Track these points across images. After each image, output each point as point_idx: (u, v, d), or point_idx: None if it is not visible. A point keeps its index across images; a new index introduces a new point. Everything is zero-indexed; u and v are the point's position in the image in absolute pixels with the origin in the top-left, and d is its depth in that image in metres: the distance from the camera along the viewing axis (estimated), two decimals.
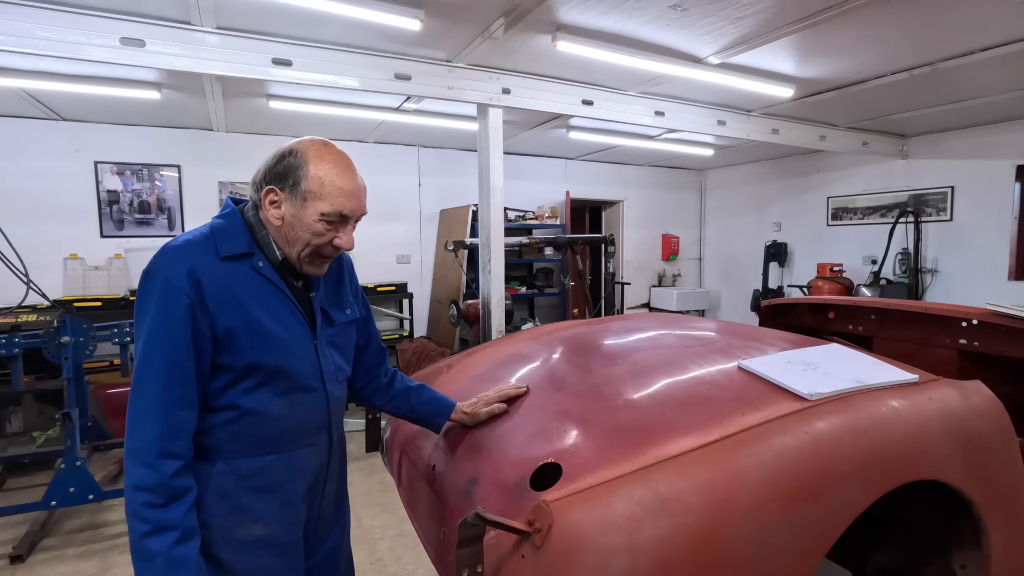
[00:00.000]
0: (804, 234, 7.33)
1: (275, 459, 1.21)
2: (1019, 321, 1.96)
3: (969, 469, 1.32)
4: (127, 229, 5.33)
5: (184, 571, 1.05)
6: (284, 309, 1.21)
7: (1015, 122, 5.42)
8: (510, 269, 6.65)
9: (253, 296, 1.17)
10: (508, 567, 1.04)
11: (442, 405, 1.53)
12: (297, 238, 1.18)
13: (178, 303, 1.08)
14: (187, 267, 1.10)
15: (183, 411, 1.09)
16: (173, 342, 1.07)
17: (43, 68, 3.73)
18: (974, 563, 1.39)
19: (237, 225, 1.21)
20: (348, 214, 1.19)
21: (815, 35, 3.38)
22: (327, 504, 1.36)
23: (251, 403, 1.16)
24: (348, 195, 1.17)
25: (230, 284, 1.14)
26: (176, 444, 1.08)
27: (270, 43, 3.24)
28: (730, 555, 1.04)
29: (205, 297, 1.10)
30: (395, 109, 4.88)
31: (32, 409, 4.39)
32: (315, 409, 1.26)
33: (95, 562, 2.87)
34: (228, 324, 1.12)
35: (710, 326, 2.06)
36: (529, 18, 3.10)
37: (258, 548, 1.20)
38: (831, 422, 1.21)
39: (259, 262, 1.19)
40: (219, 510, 1.16)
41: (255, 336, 1.15)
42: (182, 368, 1.08)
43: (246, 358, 1.14)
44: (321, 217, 1.16)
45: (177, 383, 1.08)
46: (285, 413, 1.20)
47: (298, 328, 1.23)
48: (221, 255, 1.15)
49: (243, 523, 1.18)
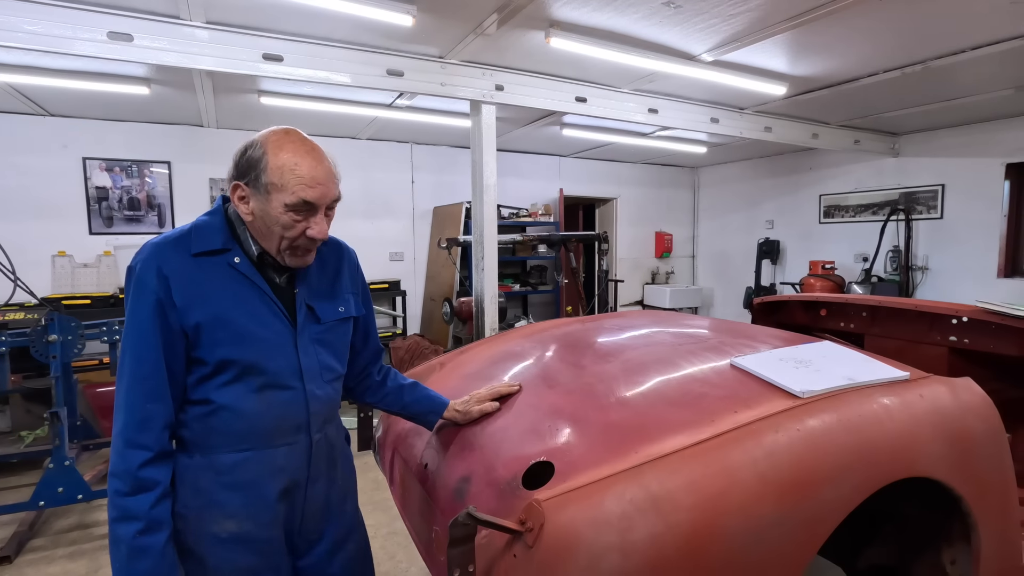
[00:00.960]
0: (796, 232, 7.37)
1: (250, 456, 1.19)
2: (1008, 318, 1.98)
3: (959, 465, 1.33)
4: (116, 226, 5.27)
5: (145, 561, 1.07)
6: (261, 305, 1.19)
7: (1005, 120, 5.46)
8: (503, 266, 6.65)
9: (227, 292, 1.15)
10: (500, 567, 1.03)
11: (435, 403, 1.51)
12: (270, 232, 1.16)
13: (146, 299, 1.10)
14: (156, 264, 1.11)
15: (150, 403, 1.10)
16: (141, 336, 1.10)
17: (29, 62, 3.68)
18: (964, 558, 1.40)
19: (217, 222, 1.20)
20: (313, 202, 1.14)
21: (807, 33, 3.39)
22: (313, 506, 1.31)
23: (224, 398, 1.15)
24: (310, 182, 1.13)
25: (200, 280, 1.14)
26: (142, 436, 1.09)
27: (261, 38, 3.21)
28: (722, 552, 1.04)
29: (172, 293, 1.11)
30: (388, 106, 4.85)
31: (20, 408, 4.34)
32: (292, 408, 1.23)
33: (84, 562, 2.84)
34: (196, 320, 1.12)
35: (703, 324, 2.06)
36: (522, 14, 3.08)
37: (232, 544, 1.19)
38: (823, 419, 1.21)
39: (235, 258, 1.18)
40: (194, 503, 1.16)
41: (224, 331, 1.14)
42: (149, 362, 1.10)
43: (216, 354, 1.13)
44: (286, 209, 1.13)
45: (144, 377, 1.10)
46: (259, 411, 1.18)
47: (276, 324, 1.20)
48: (193, 251, 1.15)
49: (216, 518, 1.17)
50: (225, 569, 1.19)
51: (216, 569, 1.18)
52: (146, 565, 1.07)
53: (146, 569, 1.08)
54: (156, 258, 1.12)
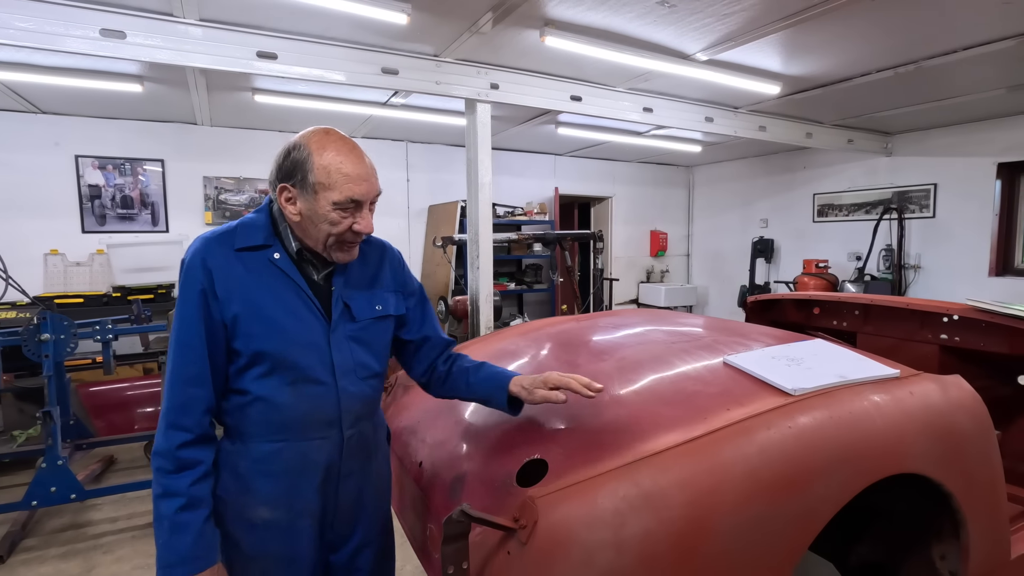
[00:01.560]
0: (790, 230, 7.40)
1: (284, 446, 1.22)
2: (998, 317, 2.00)
3: (948, 462, 1.34)
4: (109, 224, 5.24)
5: (184, 537, 1.12)
6: (297, 300, 1.22)
7: (996, 120, 5.50)
8: (499, 265, 6.65)
9: (265, 286, 1.20)
10: (494, 564, 1.04)
11: (498, 379, 1.37)
12: (318, 230, 1.20)
13: (192, 289, 1.16)
14: (202, 257, 1.18)
15: (191, 388, 1.16)
16: (185, 324, 1.16)
17: (21, 59, 3.65)
18: (953, 554, 1.42)
19: (262, 219, 1.25)
20: (359, 199, 1.18)
21: (801, 33, 3.41)
22: (346, 501, 1.32)
23: (261, 390, 1.19)
24: (356, 180, 1.17)
25: (241, 274, 1.19)
26: (183, 418, 1.15)
27: (255, 36, 3.20)
28: (714, 548, 1.05)
29: (215, 284, 1.16)
30: (383, 104, 4.84)
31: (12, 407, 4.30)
32: (324, 403, 1.24)
33: (78, 562, 2.83)
34: (235, 311, 1.17)
35: (697, 322, 2.07)
36: (517, 13, 3.08)
37: (265, 531, 1.23)
38: (814, 417, 1.22)
39: (275, 254, 1.22)
40: (233, 487, 1.21)
41: (259, 324, 1.18)
42: (192, 348, 1.15)
43: (251, 346, 1.18)
44: (334, 207, 1.17)
45: (187, 363, 1.15)
46: (292, 403, 1.21)
47: (310, 320, 1.23)
48: (236, 247, 1.20)
49: (252, 504, 1.22)
50: (257, 554, 1.23)
51: (250, 553, 1.23)
52: (186, 540, 1.12)
53: (186, 544, 1.12)
54: (202, 251, 1.18)
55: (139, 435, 4.08)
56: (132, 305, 4.14)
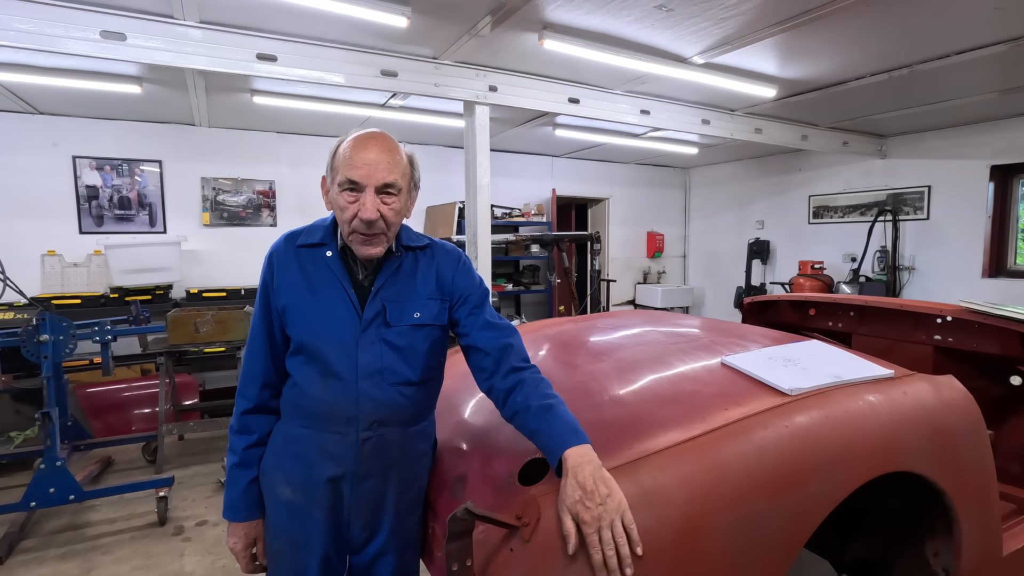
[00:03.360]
0: (786, 232, 7.44)
1: (308, 434, 1.31)
2: (991, 318, 2.03)
3: (942, 460, 1.37)
4: (107, 225, 5.23)
5: (233, 490, 1.34)
6: (336, 297, 1.29)
7: (989, 123, 5.55)
8: (496, 266, 6.66)
9: (311, 281, 1.30)
10: (497, 561, 1.06)
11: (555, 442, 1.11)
12: (341, 220, 1.26)
13: (262, 279, 1.34)
14: (272, 250, 1.34)
15: (254, 364, 1.34)
16: (256, 309, 1.35)
17: (20, 61, 3.65)
18: (946, 551, 1.44)
19: (328, 220, 1.35)
20: (357, 180, 1.20)
21: (797, 37, 3.44)
22: (361, 502, 1.30)
23: (299, 376, 1.31)
24: (356, 163, 1.20)
25: (297, 269, 1.31)
26: (247, 389, 1.35)
27: (254, 38, 3.21)
28: (712, 546, 1.07)
29: (275, 277, 1.31)
30: (381, 106, 4.85)
31: (9, 408, 4.29)
32: (342, 399, 1.27)
33: (76, 563, 2.83)
34: (283, 302, 1.30)
35: (694, 323, 2.10)
36: (516, 16, 3.10)
37: (287, 511, 1.31)
38: (810, 416, 1.24)
39: (327, 251, 1.32)
40: (269, 463, 1.35)
41: (299, 315, 1.29)
42: (255, 331, 1.35)
43: (295, 334, 1.30)
44: (339, 188, 1.22)
45: (255, 339, 1.35)
46: (318, 394, 1.29)
47: (344, 317, 1.28)
48: (297, 244, 1.33)
49: (280, 481, 1.32)
50: (278, 531, 1.34)
51: (273, 528, 1.35)
52: (234, 494, 1.34)
53: (233, 497, 1.34)
54: (274, 246, 1.35)
55: (137, 436, 4.08)
56: (130, 306, 4.14)
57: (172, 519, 3.26)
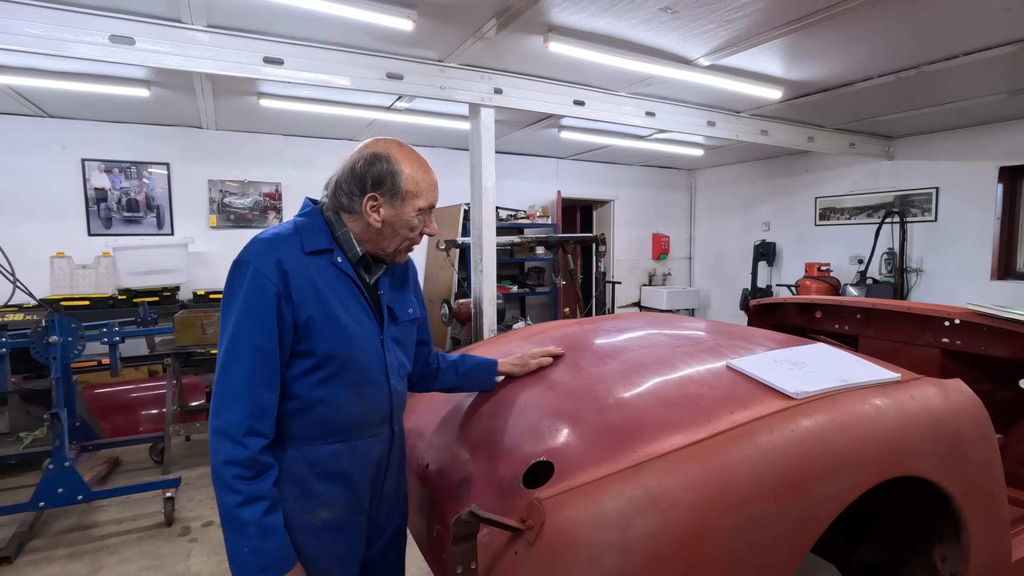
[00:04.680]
0: (792, 234, 7.41)
1: (341, 447, 1.28)
2: (999, 321, 2.01)
3: (949, 465, 1.36)
4: (115, 227, 5.28)
5: (274, 539, 1.15)
6: (356, 304, 1.29)
7: (998, 124, 5.51)
8: (501, 268, 6.67)
9: (331, 289, 1.26)
10: (502, 564, 1.06)
11: (487, 365, 1.62)
12: (396, 234, 1.30)
13: (267, 291, 1.17)
14: (276, 258, 1.19)
15: (268, 393, 1.17)
16: (261, 328, 1.16)
17: (30, 65, 3.69)
18: (954, 556, 1.43)
19: (318, 223, 1.30)
20: (435, 204, 1.34)
21: (803, 38, 3.43)
22: (388, 493, 1.41)
23: (322, 393, 1.23)
24: (435, 188, 1.33)
25: (312, 277, 1.23)
26: (262, 424, 1.17)
27: (261, 42, 3.23)
28: (718, 550, 1.06)
29: (290, 287, 1.19)
30: (387, 108, 4.87)
31: (19, 409, 4.33)
32: (379, 401, 1.33)
33: (84, 563, 2.85)
34: (309, 314, 1.21)
35: (699, 325, 2.09)
36: (521, 19, 3.11)
37: (325, 532, 1.27)
38: (816, 420, 1.24)
39: (338, 258, 1.29)
40: (290, 494, 1.22)
41: (331, 326, 1.23)
42: (268, 353, 1.17)
43: (323, 347, 1.22)
44: (418, 212, 1.30)
45: (263, 366, 1.17)
46: (352, 404, 1.27)
47: (367, 323, 1.30)
48: (306, 250, 1.24)
49: (312, 507, 1.25)
50: (317, 555, 1.26)
51: (309, 556, 1.25)
52: (277, 542, 1.15)
53: (277, 546, 1.15)
54: (275, 252, 1.20)
55: (144, 437, 4.10)
56: (138, 308, 4.17)
57: (179, 519, 3.28)
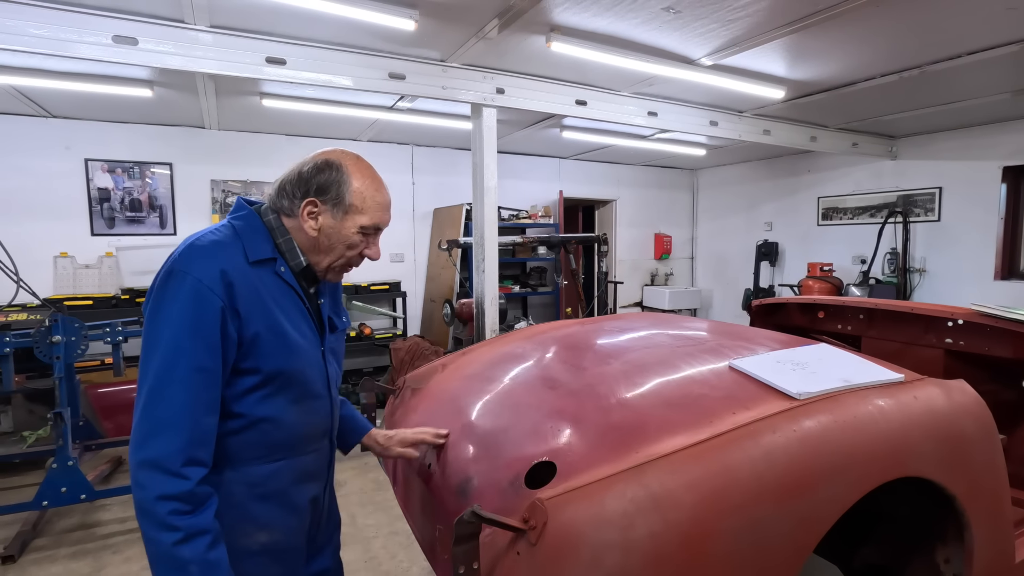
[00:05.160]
0: (795, 234, 7.39)
1: (283, 465, 1.20)
2: (1002, 321, 2.01)
3: (953, 466, 1.35)
4: (118, 227, 5.29)
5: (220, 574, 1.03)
6: (300, 316, 1.21)
7: (1001, 124, 5.50)
8: (503, 268, 6.67)
9: (275, 302, 1.16)
10: (504, 564, 1.06)
11: (358, 423, 1.52)
12: (332, 248, 1.21)
13: (211, 305, 1.05)
14: (220, 268, 1.07)
15: (209, 417, 1.07)
16: (203, 346, 1.04)
17: (34, 65, 3.70)
18: (957, 557, 1.43)
19: (258, 227, 1.19)
20: (382, 226, 1.24)
21: (806, 38, 3.42)
22: (325, 509, 1.36)
23: (265, 410, 1.15)
24: (385, 209, 1.23)
25: (258, 288, 1.13)
26: (202, 451, 1.05)
27: (264, 42, 3.23)
28: (720, 551, 1.06)
29: (236, 301, 1.08)
30: (389, 108, 4.87)
31: (22, 408, 4.35)
32: (322, 415, 1.28)
33: (87, 562, 2.86)
34: (256, 329, 1.11)
35: (701, 326, 2.09)
36: (523, 19, 3.11)
37: (262, 556, 1.19)
38: (819, 421, 1.23)
39: (281, 267, 1.19)
40: (227, 519, 1.11)
41: (278, 341, 1.14)
42: (210, 373, 1.05)
43: (270, 364, 1.13)
44: (360, 230, 1.20)
45: (204, 387, 1.05)
46: (296, 420, 1.20)
47: (310, 335, 1.23)
48: (251, 259, 1.13)
49: (249, 531, 1.17)
50: None
51: None
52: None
53: None
54: (218, 262, 1.08)
55: None
56: (141, 307, 4.18)
57: None
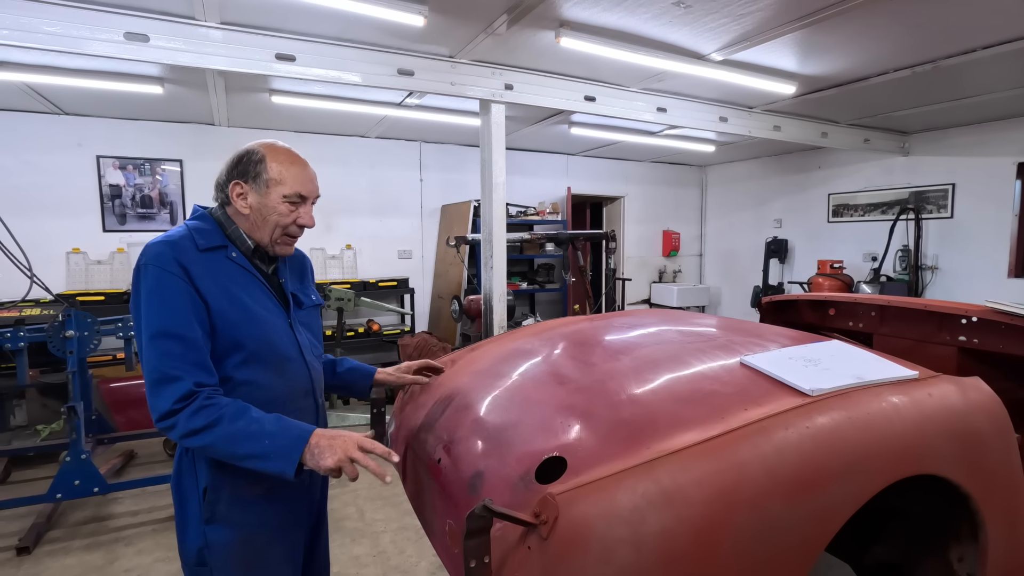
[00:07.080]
0: (805, 231, 7.34)
1: None
2: (1018, 319, 1.98)
3: (967, 464, 1.34)
4: (129, 223, 5.34)
5: (281, 418, 1.23)
6: (259, 292, 1.38)
7: (1016, 119, 5.42)
8: (511, 264, 6.67)
9: (232, 281, 1.33)
10: (514, 558, 1.06)
11: (363, 370, 1.70)
12: (266, 222, 1.36)
13: (174, 283, 1.23)
14: (173, 255, 1.25)
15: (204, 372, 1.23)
16: (176, 316, 1.21)
17: (46, 62, 3.73)
18: (971, 556, 1.41)
19: (209, 223, 1.37)
20: (306, 195, 1.38)
21: (817, 32, 3.39)
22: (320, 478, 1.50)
23: (245, 374, 1.31)
24: (304, 178, 1.38)
25: (213, 271, 1.30)
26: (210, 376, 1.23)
27: (274, 38, 3.24)
28: (732, 547, 1.06)
29: (195, 280, 1.25)
30: (397, 104, 4.88)
31: (36, 402, 4.40)
32: (299, 376, 1.42)
33: (101, 554, 2.90)
34: (219, 304, 1.27)
35: (711, 322, 2.08)
36: (532, 14, 3.10)
37: (264, 504, 1.35)
38: (832, 417, 1.22)
39: (232, 253, 1.36)
40: (222, 474, 1.30)
41: (240, 314, 1.30)
42: (189, 341, 1.21)
43: (236, 333, 1.29)
44: (284, 199, 1.35)
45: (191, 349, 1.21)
46: (274, 381, 1.35)
47: (273, 308, 1.39)
48: (200, 247, 1.30)
49: (248, 482, 1.32)
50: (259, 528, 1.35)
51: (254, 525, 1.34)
52: (286, 420, 1.23)
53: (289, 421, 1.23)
54: (173, 252, 1.25)
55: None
56: None
57: None
